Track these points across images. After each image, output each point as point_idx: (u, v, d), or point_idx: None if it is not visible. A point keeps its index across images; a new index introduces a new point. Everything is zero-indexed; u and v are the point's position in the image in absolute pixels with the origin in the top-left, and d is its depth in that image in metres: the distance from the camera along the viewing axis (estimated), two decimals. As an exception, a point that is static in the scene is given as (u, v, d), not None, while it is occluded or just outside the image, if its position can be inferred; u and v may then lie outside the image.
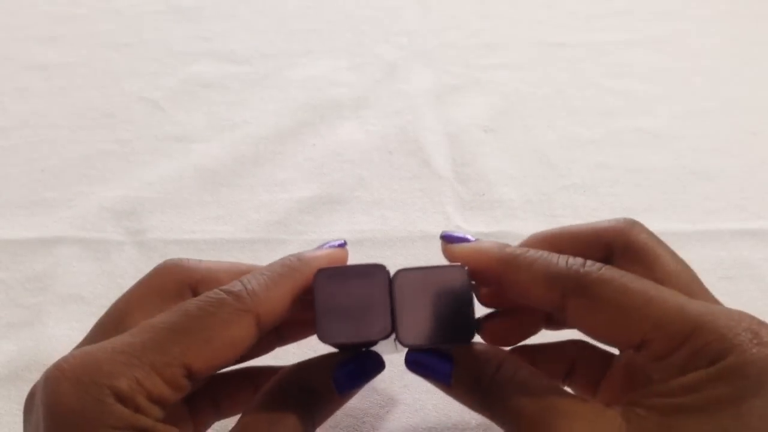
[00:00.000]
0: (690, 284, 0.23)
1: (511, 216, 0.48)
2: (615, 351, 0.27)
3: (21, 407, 0.22)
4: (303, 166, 0.52)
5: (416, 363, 0.24)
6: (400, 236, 0.46)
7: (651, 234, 0.25)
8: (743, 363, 0.19)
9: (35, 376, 0.38)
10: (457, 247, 0.26)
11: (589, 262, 0.22)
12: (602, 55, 0.63)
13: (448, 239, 0.27)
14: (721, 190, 0.50)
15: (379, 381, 0.36)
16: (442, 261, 0.28)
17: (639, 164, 0.52)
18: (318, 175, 0.51)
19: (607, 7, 0.70)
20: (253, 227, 0.47)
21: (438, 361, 0.24)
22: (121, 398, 0.19)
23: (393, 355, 0.28)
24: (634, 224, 0.25)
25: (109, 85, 0.60)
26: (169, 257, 0.26)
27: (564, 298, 0.22)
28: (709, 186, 0.50)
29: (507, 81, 0.60)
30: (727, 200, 0.49)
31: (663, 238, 0.25)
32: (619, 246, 0.24)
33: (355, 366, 0.24)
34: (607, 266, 0.22)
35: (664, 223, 0.47)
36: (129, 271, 0.44)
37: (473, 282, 0.25)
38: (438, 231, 0.50)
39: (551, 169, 0.51)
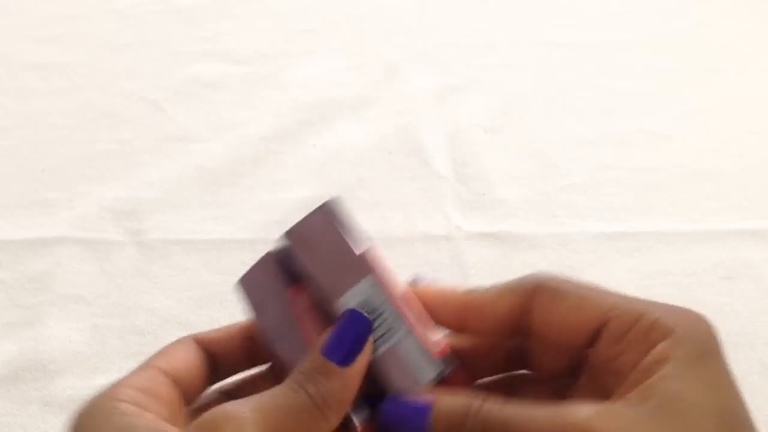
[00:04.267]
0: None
1: (511, 216, 0.48)
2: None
3: (21, 407, 0.22)
4: (303, 166, 0.52)
5: (390, 413, 0.24)
6: (400, 236, 0.46)
7: (569, 280, 0.25)
8: (690, 330, 0.22)
9: (35, 376, 0.38)
10: (422, 289, 0.27)
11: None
12: (602, 55, 0.63)
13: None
14: (721, 190, 0.50)
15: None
16: (442, 260, 0.27)
17: (639, 164, 0.52)
18: (318, 175, 0.51)
19: (607, 7, 0.70)
20: (253, 227, 0.47)
21: (414, 407, 0.23)
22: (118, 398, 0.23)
23: None
24: (546, 277, 0.25)
25: (109, 85, 0.60)
26: (169, 257, 0.26)
27: (529, 297, 0.24)
28: (709, 186, 0.50)
29: (507, 81, 0.60)
30: (727, 200, 0.49)
31: (663, 238, 0.25)
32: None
33: (337, 330, 0.24)
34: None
35: (664, 223, 0.47)
36: (129, 271, 0.44)
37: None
38: (438, 231, 0.50)
39: (551, 169, 0.51)
